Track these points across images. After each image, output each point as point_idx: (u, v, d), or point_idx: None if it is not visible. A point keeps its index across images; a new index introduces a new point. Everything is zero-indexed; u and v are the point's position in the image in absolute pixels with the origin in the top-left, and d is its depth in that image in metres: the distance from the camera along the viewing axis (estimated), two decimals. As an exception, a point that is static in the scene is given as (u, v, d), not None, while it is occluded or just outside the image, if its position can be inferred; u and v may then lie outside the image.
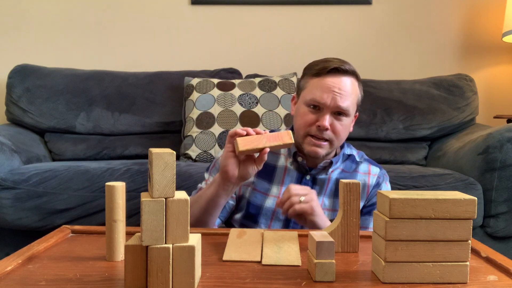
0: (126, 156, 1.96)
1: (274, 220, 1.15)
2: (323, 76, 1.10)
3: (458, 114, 1.99)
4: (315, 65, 1.14)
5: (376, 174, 1.19)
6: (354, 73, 1.13)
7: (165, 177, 0.61)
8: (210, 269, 0.71)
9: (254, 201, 1.16)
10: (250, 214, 1.16)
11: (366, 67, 2.31)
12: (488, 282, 0.68)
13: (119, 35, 2.33)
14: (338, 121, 1.10)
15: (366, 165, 1.21)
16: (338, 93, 1.08)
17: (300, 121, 1.13)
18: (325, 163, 1.15)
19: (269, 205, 1.15)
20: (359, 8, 2.32)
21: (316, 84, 1.11)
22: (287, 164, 1.18)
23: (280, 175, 1.17)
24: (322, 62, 1.13)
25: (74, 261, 0.75)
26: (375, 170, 1.20)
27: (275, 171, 1.17)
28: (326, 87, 1.08)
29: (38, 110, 1.99)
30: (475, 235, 1.51)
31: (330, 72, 1.10)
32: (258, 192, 1.16)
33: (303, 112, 1.12)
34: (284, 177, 1.17)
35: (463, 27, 2.31)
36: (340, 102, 1.08)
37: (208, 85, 1.95)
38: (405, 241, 0.66)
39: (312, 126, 1.10)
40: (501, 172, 1.46)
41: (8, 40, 2.33)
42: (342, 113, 1.10)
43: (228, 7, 2.32)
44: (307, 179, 1.16)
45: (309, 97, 1.11)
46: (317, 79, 1.11)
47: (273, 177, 1.17)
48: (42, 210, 1.47)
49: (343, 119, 1.11)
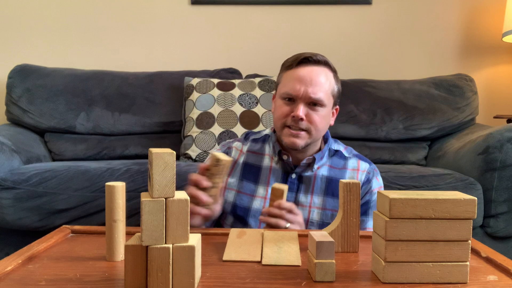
0: (126, 156, 1.96)
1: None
2: (295, 68, 1.11)
3: (458, 114, 1.99)
4: (288, 59, 1.16)
5: (365, 170, 1.17)
6: (326, 63, 1.13)
7: (165, 177, 0.61)
8: (210, 269, 0.71)
9: (241, 203, 1.15)
10: (238, 217, 1.16)
11: (366, 67, 2.32)
12: (488, 282, 0.68)
13: (119, 35, 2.33)
14: (314, 111, 1.10)
15: (355, 160, 1.18)
16: (309, 83, 1.08)
17: (276, 114, 1.14)
18: (308, 159, 1.14)
19: (257, 206, 1.14)
20: (359, 8, 2.32)
21: (289, 76, 1.12)
22: (272, 164, 1.17)
23: (265, 175, 1.16)
24: (295, 55, 1.14)
25: (74, 261, 0.75)
26: (364, 166, 1.18)
27: (260, 171, 1.17)
28: (298, 78, 1.09)
29: (38, 110, 1.99)
30: (475, 235, 1.51)
31: (301, 63, 1.11)
32: (244, 194, 1.16)
33: (278, 105, 1.13)
34: (270, 177, 1.16)
35: (463, 27, 2.31)
36: (311, 93, 1.08)
37: (208, 85, 1.95)
38: (405, 241, 0.66)
39: (288, 117, 1.10)
40: (501, 172, 1.46)
41: (8, 40, 2.33)
42: (317, 103, 1.10)
43: (228, 7, 2.32)
44: (293, 177, 1.15)
45: (283, 90, 1.12)
46: (290, 72, 1.12)
47: (258, 178, 1.17)
48: (42, 210, 1.47)
49: (319, 109, 1.10)
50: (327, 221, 1.12)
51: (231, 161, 1.02)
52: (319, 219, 1.12)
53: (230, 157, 1.05)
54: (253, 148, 1.21)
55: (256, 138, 1.24)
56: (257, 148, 1.21)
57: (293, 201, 1.13)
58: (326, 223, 1.12)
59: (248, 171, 1.17)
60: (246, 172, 1.17)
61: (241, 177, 1.18)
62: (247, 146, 1.22)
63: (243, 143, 1.24)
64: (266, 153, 1.19)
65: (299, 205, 1.12)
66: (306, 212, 1.12)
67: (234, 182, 1.18)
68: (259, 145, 1.22)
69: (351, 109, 1.99)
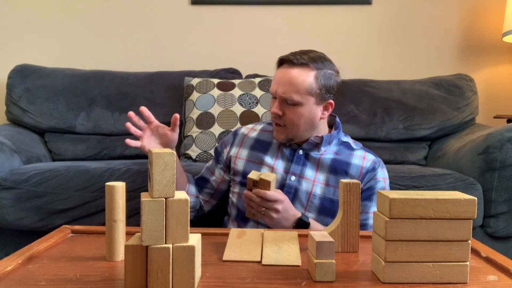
0: (126, 156, 1.96)
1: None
2: (277, 69, 1.22)
3: (458, 114, 1.99)
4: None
5: (371, 159, 1.22)
6: (304, 64, 1.18)
7: (165, 177, 0.61)
8: (210, 269, 0.71)
9: (250, 171, 1.20)
10: (245, 185, 1.22)
11: (366, 67, 2.32)
12: (488, 282, 0.68)
13: (119, 35, 2.33)
14: (289, 109, 1.18)
15: (361, 151, 1.25)
16: (281, 83, 1.17)
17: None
18: (317, 138, 1.21)
19: None
20: (359, 8, 2.32)
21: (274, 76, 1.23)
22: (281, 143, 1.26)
23: (274, 149, 1.26)
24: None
25: (74, 261, 0.75)
26: (370, 157, 1.23)
27: (270, 146, 1.27)
28: (275, 78, 1.20)
29: (38, 110, 1.99)
30: (475, 235, 1.51)
31: (279, 64, 1.22)
32: (253, 162, 1.25)
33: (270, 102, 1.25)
34: (279, 152, 1.25)
35: (463, 27, 2.31)
36: (282, 93, 1.17)
37: (208, 85, 1.95)
38: (405, 241, 0.66)
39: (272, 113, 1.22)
40: (501, 172, 1.46)
41: (8, 40, 2.33)
42: (289, 102, 1.17)
43: (228, 7, 2.32)
44: (300, 153, 1.23)
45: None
46: (275, 72, 1.23)
47: (268, 149, 1.26)
48: (42, 210, 1.47)
49: (293, 108, 1.17)
50: (329, 195, 1.18)
51: (274, 177, 1.11)
52: (321, 193, 1.18)
53: (266, 172, 1.13)
54: (266, 128, 1.32)
55: (270, 122, 1.32)
56: (271, 129, 1.30)
57: (299, 173, 1.20)
58: (328, 197, 1.18)
59: (259, 144, 1.28)
60: (257, 144, 1.28)
61: (251, 148, 1.27)
62: (261, 126, 1.34)
63: (257, 124, 1.37)
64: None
65: (304, 178, 1.19)
66: (310, 185, 1.19)
67: (244, 152, 1.28)
68: (271, 127, 1.30)
69: (351, 109, 1.99)
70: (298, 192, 1.19)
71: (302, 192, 1.19)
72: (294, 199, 1.18)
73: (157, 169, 0.60)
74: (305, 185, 1.19)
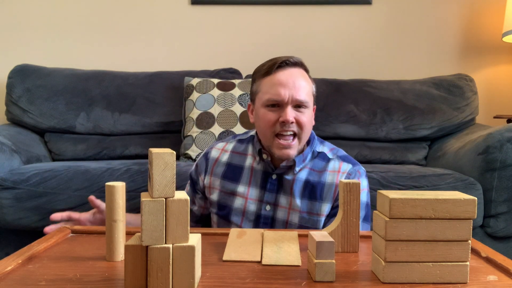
0: (126, 156, 1.96)
1: (244, 221, 1.15)
2: (274, 73, 1.09)
3: (458, 114, 1.99)
4: (262, 66, 1.14)
5: (345, 171, 1.12)
6: (302, 64, 1.13)
7: (165, 177, 0.61)
8: (210, 269, 0.71)
9: (224, 202, 1.17)
10: (221, 215, 1.18)
11: (366, 67, 2.32)
12: (488, 282, 0.68)
13: (119, 35, 2.33)
14: (300, 113, 1.08)
15: (337, 162, 1.14)
16: (293, 86, 1.07)
17: (262, 124, 1.10)
18: (288, 162, 1.11)
19: (238, 206, 1.15)
20: (359, 8, 2.32)
21: (268, 83, 1.10)
22: (253, 164, 1.16)
23: (247, 176, 1.16)
24: (269, 61, 1.13)
25: (74, 261, 0.75)
26: (345, 167, 1.13)
27: (242, 171, 1.17)
28: (280, 82, 1.07)
29: (38, 110, 1.99)
30: (475, 235, 1.51)
31: (279, 67, 1.09)
32: (225, 193, 1.17)
33: (263, 114, 1.10)
34: (251, 177, 1.15)
35: (463, 27, 2.31)
36: (297, 95, 1.07)
37: (208, 85, 1.95)
38: (405, 241, 0.66)
39: (276, 124, 1.08)
40: (501, 172, 1.46)
41: (8, 40, 2.32)
42: (302, 105, 1.08)
43: (228, 7, 2.32)
44: (273, 178, 1.14)
45: (265, 98, 1.09)
46: (269, 78, 1.10)
47: (240, 178, 1.16)
48: (42, 210, 1.47)
49: (304, 111, 1.09)
50: (304, 224, 1.11)
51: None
52: (298, 221, 1.11)
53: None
54: (237, 149, 1.21)
55: (242, 139, 1.23)
56: (242, 149, 1.20)
57: (273, 201, 1.13)
58: (304, 226, 1.11)
59: (230, 171, 1.18)
60: (229, 171, 1.18)
61: (223, 177, 1.18)
62: (232, 145, 1.22)
63: (228, 142, 1.24)
64: (249, 153, 1.19)
65: (278, 206, 1.13)
66: (285, 214, 1.12)
67: (216, 181, 1.19)
68: (243, 145, 1.21)
69: (351, 109, 1.99)
70: (275, 222, 1.12)
71: (279, 221, 1.12)
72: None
73: (157, 169, 0.60)
74: (280, 214, 1.12)
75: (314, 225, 1.10)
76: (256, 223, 1.14)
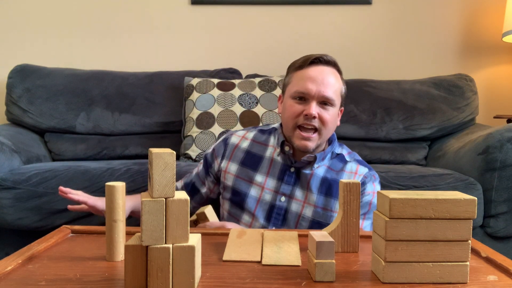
0: (126, 156, 1.96)
1: (258, 209, 1.16)
2: (306, 68, 1.14)
3: (458, 114, 1.99)
4: (297, 61, 1.18)
5: (362, 174, 1.17)
6: (335, 64, 1.16)
7: (165, 177, 0.61)
8: (210, 269, 0.71)
9: (239, 188, 1.18)
10: (235, 202, 1.19)
11: (366, 67, 2.32)
12: (488, 282, 0.68)
13: (119, 35, 2.33)
14: (325, 110, 1.12)
15: (354, 164, 1.19)
16: (321, 82, 1.11)
17: (287, 114, 1.15)
18: (309, 157, 1.14)
19: (254, 194, 1.17)
20: (359, 8, 2.32)
21: (299, 76, 1.14)
22: (274, 155, 1.19)
23: (266, 166, 1.19)
24: (304, 57, 1.17)
25: (74, 261, 0.75)
26: (362, 170, 1.18)
27: (262, 161, 1.20)
28: (309, 77, 1.12)
29: (38, 110, 1.99)
30: (475, 235, 1.51)
31: (312, 63, 1.14)
32: (242, 179, 1.19)
33: (289, 105, 1.14)
34: (270, 168, 1.18)
35: (463, 27, 2.31)
36: (324, 92, 1.10)
37: (208, 85, 1.95)
38: (405, 241, 0.66)
39: (300, 116, 1.12)
40: (501, 172, 1.46)
41: (8, 40, 2.32)
42: (328, 102, 1.12)
43: (228, 7, 2.32)
44: (291, 171, 1.17)
45: (294, 90, 1.14)
46: (300, 72, 1.14)
47: (258, 166, 1.19)
48: (42, 210, 1.47)
49: (329, 109, 1.12)
50: (318, 219, 1.14)
51: (209, 206, 1.13)
52: (311, 216, 1.14)
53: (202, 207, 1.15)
54: (258, 139, 1.24)
55: (263, 130, 1.27)
56: (263, 139, 1.24)
57: (289, 194, 1.15)
58: (316, 220, 1.13)
59: (249, 158, 1.21)
60: (248, 159, 1.21)
61: (241, 163, 1.21)
62: (253, 134, 1.26)
63: (249, 131, 1.28)
64: (270, 144, 1.22)
65: (293, 199, 1.15)
66: (300, 207, 1.15)
67: (234, 167, 1.21)
68: (265, 136, 1.24)
69: (351, 109, 1.99)
70: (288, 214, 1.15)
71: (292, 214, 1.14)
72: (283, 221, 1.15)
73: (157, 169, 0.60)
74: (295, 206, 1.14)
75: (326, 220, 1.13)
76: (269, 213, 1.16)
